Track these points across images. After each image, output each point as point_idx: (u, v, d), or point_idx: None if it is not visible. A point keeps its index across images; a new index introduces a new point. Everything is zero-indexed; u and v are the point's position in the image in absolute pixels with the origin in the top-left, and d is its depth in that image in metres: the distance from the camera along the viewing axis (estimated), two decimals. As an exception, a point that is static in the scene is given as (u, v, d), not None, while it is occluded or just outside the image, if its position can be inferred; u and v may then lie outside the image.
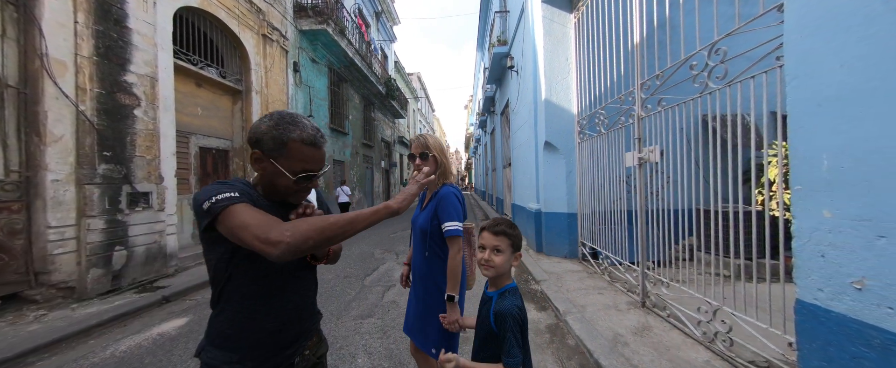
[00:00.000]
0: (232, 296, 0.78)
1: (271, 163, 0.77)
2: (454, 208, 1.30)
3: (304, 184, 0.81)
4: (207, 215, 0.69)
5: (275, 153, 0.76)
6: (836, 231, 1.04)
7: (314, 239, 0.67)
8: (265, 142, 0.76)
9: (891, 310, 0.91)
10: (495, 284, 1.02)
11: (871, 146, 0.95)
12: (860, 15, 0.96)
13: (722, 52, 1.98)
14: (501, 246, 0.97)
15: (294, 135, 0.77)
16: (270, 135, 0.76)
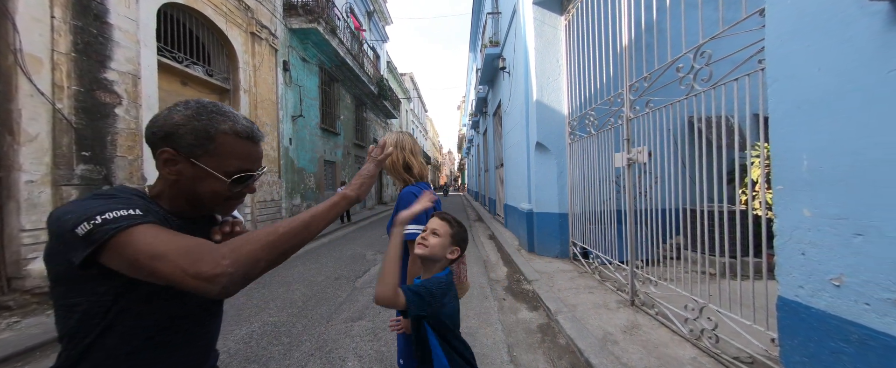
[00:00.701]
0: (105, 359, 0.55)
1: (192, 165, 0.59)
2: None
3: (240, 188, 0.63)
4: (86, 244, 0.48)
5: (197, 151, 0.59)
6: (815, 229, 1.07)
7: (266, 260, 0.51)
8: (182, 137, 0.58)
9: (867, 306, 0.94)
10: (430, 271, 1.01)
11: (848, 147, 0.98)
12: (837, 20, 0.99)
13: (707, 54, 2.03)
14: (440, 231, 0.97)
15: (225, 127, 0.60)
16: (190, 128, 0.58)
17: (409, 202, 1.14)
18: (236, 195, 0.65)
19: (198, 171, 0.59)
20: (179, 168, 0.59)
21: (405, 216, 0.89)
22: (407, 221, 0.89)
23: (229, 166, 0.61)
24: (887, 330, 0.90)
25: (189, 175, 0.59)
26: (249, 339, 2.45)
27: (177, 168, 0.59)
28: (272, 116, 6.93)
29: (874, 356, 0.93)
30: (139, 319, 0.56)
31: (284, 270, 4.51)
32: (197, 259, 0.47)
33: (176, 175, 0.60)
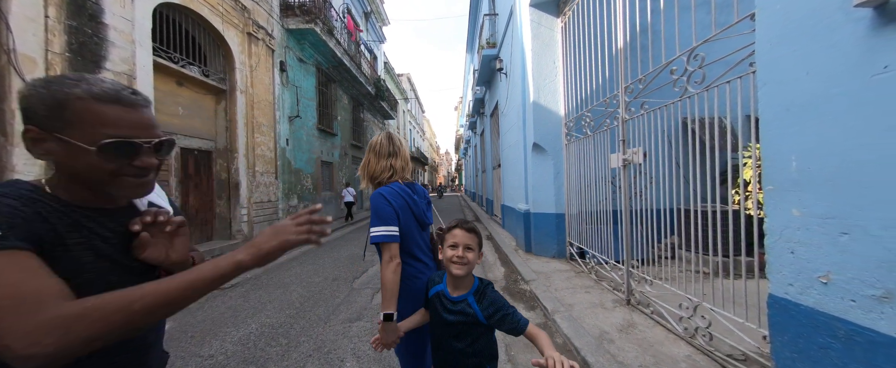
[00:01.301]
0: None
1: (57, 140, 0.51)
2: (379, 211, 1.11)
3: (118, 158, 0.53)
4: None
5: (55, 123, 0.50)
6: (804, 228, 1.10)
7: (104, 339, 0.42)
8: (34, 111, 0.50)
9: (853, 303, 0.97)
10: (459, 285, 0.98)
11: (835, 149, 1.01)
12: (823, 25, 1.02)
13: (700, 57, 2.06)
14: (472, 244, 0.95)
15: (77, 91, 0.51)
16: (37, 98, 0.50)
17: (376, 205, 1.11)
18: (127, 169, 0.54)
19: (63, 146, 0.51)
20: (48, 146, 0.51)
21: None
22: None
23: (95, 135, 0.51)
24: (872, 326, 0.93)
25: (60, 152, 0.51)
26: (247, 341, 2.45)
27: (45, 146, 0.51)
28: (269, 117, 6.90)
29: (860, 351, 0.96)
30: None
31: (281, 272, 4.49)
32: (12, 325, 0.38)
33: (48, 154, 0.52)
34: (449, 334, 0.99)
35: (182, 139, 5.28)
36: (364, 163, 1.26)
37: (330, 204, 10.18)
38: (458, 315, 0.97)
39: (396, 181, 1.22)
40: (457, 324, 0.97)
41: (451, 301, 0.99)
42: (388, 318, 1.05)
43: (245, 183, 6.14)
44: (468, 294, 0.97)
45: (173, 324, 2.84)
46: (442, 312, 1.01)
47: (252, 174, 6.28)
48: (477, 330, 0.96)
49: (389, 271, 1.06)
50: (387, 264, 1.06)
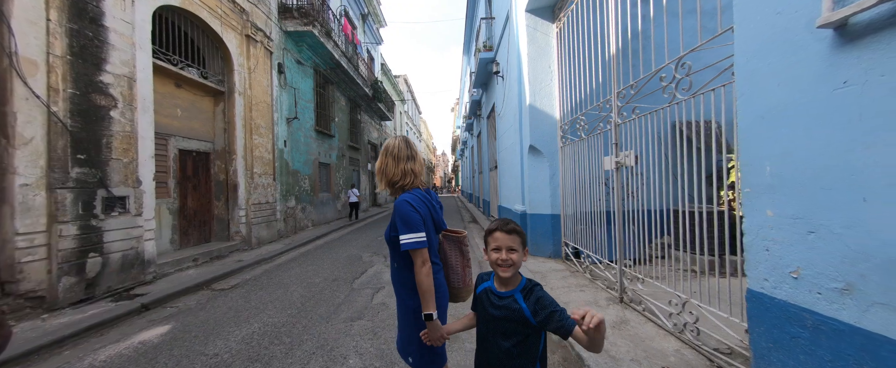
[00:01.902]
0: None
1: None
2: (407, 219, 1.14)
3: None
4: None
5: None
6: (777, 228, 1.20)
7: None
8: None
9: (819, 295, 1.07)
10: (507, 283, 1.00)
11: (803, 155, 1.10)
12: (792, 42, 1.12)
13: (687, 66, 2.17)
14: (515, 245, 0.97)
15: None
16: None
17: (404, 212, 1.14)
18: None
19: None
20: None
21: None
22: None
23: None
24: (835, 316, 1.02)
25: None
26: (250, 339, 2.50)
27: None
28: (267, 119, 6.92)
29: (825, 339, 1.05)
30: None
31: (281, 272, 4.53)
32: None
33: None
34: (496, 331, 0.99)
35: (180, 141, 5.29)
36: (380, 166, 1.27)
37: (327, 206, 10.19)
38: (503, 311, 0.98)
39: (418, 187, 1.25)
40: (503, 320, 0.98)
41: (498, 296, 1.01)
42: (429, 318, 1.13)
43: (243, 184, 6.16)
44: (515, 290, 0.99)
45: (176, 324, 2.88)
46: (488, 307, 1.02)
47: (250, 175, 6.30)
48: (524, 330, 0.96)
49: (423, 275, 1.12)
50: (420, 268, 1.12)
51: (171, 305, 3.42)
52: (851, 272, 0.98)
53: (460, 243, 1.33)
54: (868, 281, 0.94)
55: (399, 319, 1.30)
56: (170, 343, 2.48)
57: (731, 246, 2.04)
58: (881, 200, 0.91)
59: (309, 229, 8.62)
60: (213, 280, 4.24)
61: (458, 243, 1.33)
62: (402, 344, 1.29)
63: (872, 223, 0.93)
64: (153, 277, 4.12)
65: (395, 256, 1.24)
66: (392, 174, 1.24)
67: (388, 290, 3.64)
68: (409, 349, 1.24)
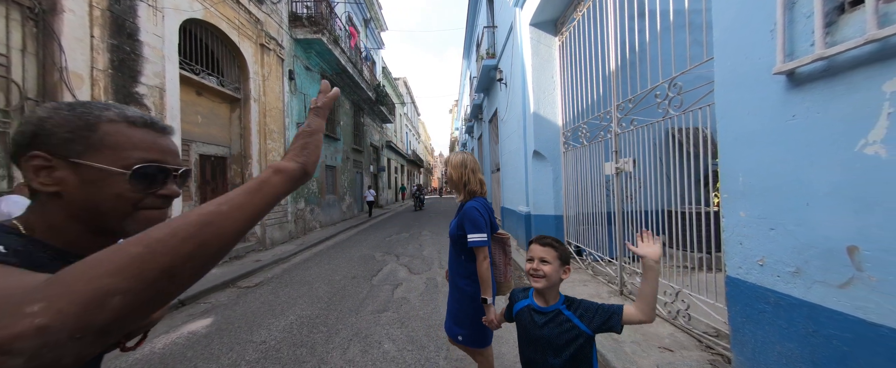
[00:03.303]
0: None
1: (74, 167, 0.44)
2: (475, 221, 1.38)
3: (146, 186, 0.47)
4: None
5: (77, 146, 0.44)
6: (747, 226, 1.51)
7: (124, 291, 0.29)
8: (52, 134, 0.44)
9: (778, 278, 1.38)
10: (547, 298, 0.99)
11: (766, 169, 1.42)
12: (757, 81, 1.43)
13: (678, 86, 2.49)
14: (548, 257, 0.97)
15: (109, 114, 0.47)
16: (59, 120, 0.44)
17: (473, 216, 1.40)
18: (151, 203, 0.48)
19: (85, 173, 0.44)
20: (59, 175, 0.44)
21: (657, 254, 0.94)
22: (658, 259, 0.94)
23: (127, 159, 0.46)
24: (789, 293, 1.33)
25: (74, 182, 0.44)
26: (291, 329, 2.77)
27: (55, 175, 0.44)
28: (279, 124, 7.18)
29: (783, 311, 1.36)
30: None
31: (301, 271, 4.79)
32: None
33: (57, 185, 0.44)
34: (545, 351, 0.96)
35: (201, 146, 5.54)
36: (460, 176, 1.51)
37: (333, 207, 10.44)
38: (553, 329, 0.96)
39: (482, 196, 1.51)
40: (557, 338, 0.95)
41: (542, 312, 0.99)
42: (485, 301, 1.37)
43: (258, 187, 6.40)
44: (558, 304, 0.98)
45: (217, 317, 3.14)
46: (532, 329, 1.00)
47: (265, 179, 6.54)
48: (577, 343, 0.93)
49: (484, 268, 1.36)
50: (481, 262, 1.37)
51: (205, 301, 3.68)
52: (799, 259, 1.29)
53: (504, 243, 1.60)
54: (811, 265, 1.25)
55: (452, 304, 1.54)
56: (218, 333, 2.75)
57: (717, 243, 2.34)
58: (820, 204, 1.22)
59: (317, 230, 8.86)
60: (237, 278, 4.49)
61: (502, 243, 1.60)
62: (450, 325, 1.54)
63: (814, 222, 1.24)
64: (181, 276, 4.36)
65: (459, 250, 1.48)
66: (473, 184, 1.52)
67: (406, 286, 3.92)
68: (459, 328, 1.49)
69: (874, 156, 1.05)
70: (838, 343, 1.17)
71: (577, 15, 4.19)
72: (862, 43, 1.03)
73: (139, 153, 0.47)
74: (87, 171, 0.44)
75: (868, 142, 1.07)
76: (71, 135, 0.44)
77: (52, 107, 0.46)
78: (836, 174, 1.15)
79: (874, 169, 1.05)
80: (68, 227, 0.46)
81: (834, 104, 1.16)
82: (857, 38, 1.06)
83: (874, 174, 1.05)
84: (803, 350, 1.28)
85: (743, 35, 1.50)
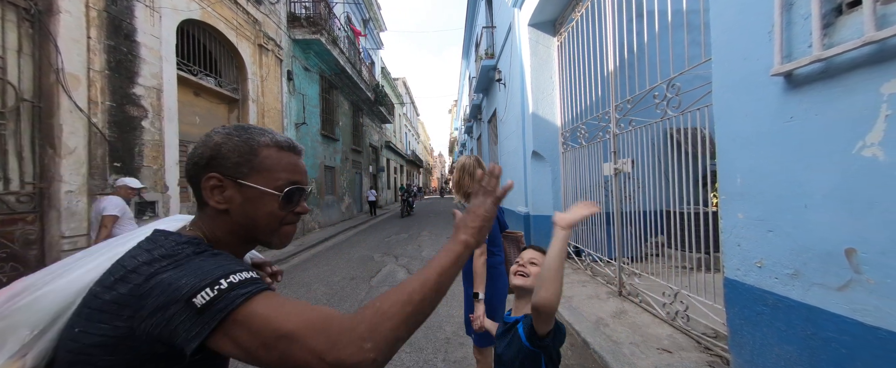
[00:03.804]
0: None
1: (240, 187, 0.51)
2: None
3: (292, 207, 0.56)
4: (203, 320, 0.39)
5: (243, 169, 0.51)
6: (746, 227, 1.51)
7: (404, 339, 0.43)
8: (225, 158, 0.51)
9: (776, 279, 1.38)
10: (521, 308, 0.95)
11: (764, 170, 1.41)
12: (755, 83, 1.43)
13: (676, 87, 2.49)
14: (537, 260, 0.96)
15: (265, 139, 0.54)
16: (232, 145, 0.52)
17: None
18: (291, 218, 0.56)
19: (248, 193, 0.51)
20: (228, 194, 0.52)
21: (567, 220, 0.83)
22: (568, 225, 0.83)
23: (278, 180, 0.53)
24: (787, 295, 1.33)
25: (239, 200, 0.52)
26: (289, 331, 2.76)
27: (226, 194, 0.52)
28: (278, 124, 7.16)
29: (781, 313, 1.36)
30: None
31: (300, 272, 4.78)
32: (335, 341, 0.38)
33: (226, 203, 0.52)
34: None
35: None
36: (457, 180, 1.57)
37: (332, 208, 10.42)
38: (505, 341, 0.91)
39: None
40: (506, 355, 0.89)
41: (505, 322, 0.96)
42: (475, 296, 1.36)
43: (257, 188, 6.39)
44: (523, 316, 0.90)
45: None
46: (498, 340, 0.96)
47: (263, 180, 6.53)
48: (519, 358, 0.85)
49: (480, 263, 1.36)
50: (478, 257, 1.36)
51: (203, 303, 3.66)
52: (797, 261, 1.29)
53: (517, 241, 1.62)
54: (809, 267, 1.25)
55: (465, 305, 1.58)
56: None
57: (715, 243, 2.34)
58: (817, 207, 1.22)
59: (316, 231, 8.84)
60: (236, 280, 4.48)
61: (516, 241, 1.62)
62: (467, 325, 1.56)
63: (811, 224, 1.24)
64: (179, 277, 4.35)
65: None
66: (468, 186, 1.55)
67: (404, 287, 3.91)
68: (470, 328, 1.50)
69: (872, 159, 1.05)
70: (837, 346, 1.16)
71: (576, 15, 4.19)
72: (860, 45, 1.03)
73: (286, 175, 0.54)
74: (249, 191, 0.52)
75: (866, 144, 1.06)
76: (239, 159, 0.52)
77: (225, 134, 0.53)
78: (834, 176, 1.15)
79: (872, 171, 1.05)
80: (228, 239, 0.54)
81: (832, 106, 1.15)
82: (854, 39, 1.05)
83: (872, 176, 1.05)
84: (802, 352, 1.28)
85: (741, 36, 1.49)
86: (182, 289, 0.40)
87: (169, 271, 0.42)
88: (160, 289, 0.40)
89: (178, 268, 0.43)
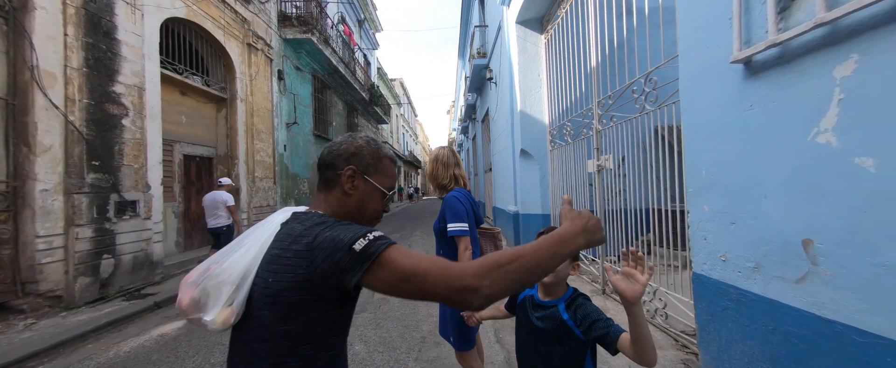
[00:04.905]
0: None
1: (364, 182, 0.68)
2: (455, 210, 1.34)
3: (386, 203, 0.74)
4: (362, 261, 0.53)
5: (371, 169, 0.69)
6: (711, 220, 1.46)
7: (509, 288, 0.53)
8: (363, 157, 0.69)
9: (739, 273, 1.33)
10: (551, 292, 0.97)
11: (726, 161, 1.37)
12: (717, 72, 1.39)
13: (653, 80, 2.45)
14: None
15: (385, 151, 0.73)
16: (369, 150, 0.70)
17: (454, 206, 1.35)
18: (381, 212, 0.74)
19: (368, 187, 0.69)
20: (356, 183, 0.68)
21: (637, 294, 0.74)
22: (638, 299, 0.75)
23: (386, 184, 0.72)
24: (749, 289, 1.29)
25: (361, 190, 0.69)
26: (263, 331, 2.71)
27: (355, 183, 0.68)
28: (268, 124, 7.12)
29: (744, 308, 1.32)
30: (338, 337, 0.64)
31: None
32: (458, 275, 0.51)
33: (353, 190, 0.68)
34: (538, 343, 0.95)
35: (185, 146, 5.48)
36: (431, 171, 1.50)
37: (326, 208, 10.37)
38: (547, 322, 0.93)
39: (461, 187, 1.47)
40: (548, 333, 0.92)
41: (541, 305, 0.97)
42: None
43: (245, 188, 6.34)
44: (559, 300, 0.94)
45: (190, 320, 3.07)
46: (527, 321, 0.98)
47: (252, 179, 6.48)
48: (568, 343, 0.90)
49: (465, 259, 1.30)
50: (462, 253, 1.30)
51: (182, 303, 3.61)
52: (758, 254, 1.25)
53: (495, 238, 1.55)
54: (769, 260, 1.21)
55: (440, 305, 1.48)
56: (187, 335, 2.68)
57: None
58: (775, 197, 1.18)
59: (308, 231, 8.79)
60: (220, 280, 4.43)
61: (493, 238, 1.55)
62: (443, 327, 1.49)
63: (771, 215, 1.20)
64: (162, 278, 4.30)
65: (441, 245, 1.43)
66: (440, 177, 1.48)
67: (388, 287, 3.86)
68: (448, 329, 1.43)
69: (826, 145, 1.01)
70: (796, 342, 1.12)
71: (561, 12, 4.16)
72: (812, 27, 0.99)
73: (390, 181, 0.73)
74: (369, 186, 0.70)
75: (820, 130, 1.02)
76: (371, 161, 0.70)
77: (365, 140, 0.73)
78: (790, 164, 1.11)
79: (826, 158, 1.01)
80: (342, 217, 0.68)
81: (787, 92, 1.12)
82: (807, 21, 1.02)
83: (826, 163, 1.01)
84: (763, 348, 1.24)
85: (704, 25, 1.46)
86: (344, 240, 0.55)
87: (328, 231, 0.58)
88: (327, 243, 0.56)
89: (332, 230, 0.58)
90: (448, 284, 0.51)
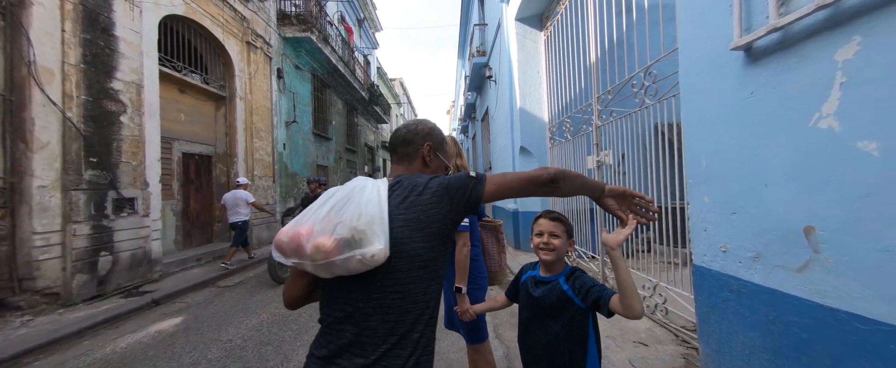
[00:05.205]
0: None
1: (436, 158, 0.86)
2: None
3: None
4: (478, 180, 0.73)
5: (441, 147, 0.87)
6: (711, 211, 1.45)
7: (570, 187, 0.77)
8: (436, 136, 0.87)
9: (740, 264, 1.32)
10: (552, 269, 1.02)
11: (726, 151, 1.36)
12: (717, 61, 1.37)
13: (653, 74, 2.44)
14: (557, 231, 0.99)
15: (446, 135, 0.95)
16: (438, 132, 0.88)
17: None
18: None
19: (438, 163, 0.88)
20: (432, 157, 0.86)
21: (616, 241, 0.84)
22: (617, 245, 0.84)
23: (448, 159, 0.94)
24: (750, 279, 1.27)
25: (434, 163, 0.87)
26: (260, 327, 2.69)
27: (431, 157, 0.86)
28: (267, 122, 7.11)
29: (745, 299, 1.30)
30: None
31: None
32: (534, 174, 0.74)
33: (432, 162, 0.86)
34: (539, 314, 1.00)
35: (184, 144, 5.47)
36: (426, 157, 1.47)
37: (325, 207, 10.35)
38: (550, 295, 0.98)
39: None
40: (552, 305, 0.97)
41: (542, 282, 1.02)
42: (458, 290, 1.28)
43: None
44: (559, 275, 1.00)
45: (188, 316, 3.06)
46: (529, 296, 1.04)
47: (251, 178, 6.46)
48: (569, 311, 0.96)
49: (463, 255, 1.27)
50: (461, 249, 1.27)
51: (180, 300, 3.60)
52: (759, 243, 1.23)
53: (496, 231, 1.53)
54: (770, 249, 1.19)
55: (446, 299, 1.43)
56: (185, 332, 2.67)
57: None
58: (777, 185, 1.16)
59: (307, 230, 8.77)
60: (218, 278, 4.42)
61: (494, 231, 1.52)
62: (450, 320, 1.46)
63: (772, 204, 1.18)
64: (159, 276, 4.28)
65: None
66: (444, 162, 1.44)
67: (386, 284, 3.84)
68: (457, 322, 1.40)
69: (828, 130, 0.99)
70: (797, 331, 1.10)
71: (560, 8, 4.15)
72: (813, 9, 0.98)
73: (448, 160, 0.94)
74: (439, 161, 0.89)
75: (822, 115, 1.01)
76: (440, 140, 0.89)
77: (432, 124, 0.90)
78: (791, 151, 1.09)
79: (828, 143, 0.99)
80: None
81: (788, 78, 1.10)
82: (809, 5, 1.00)
83: (828, 149, 1.00)
84: (765, 339, 1.22)
85: (704, 14, 1.44)
86: (465, 176, 0.75)
87: (449, 178, 0.76)
88: (455, 180, 0.74)
89: (450, 177, 0.75)
90: (532, 178, 0.74)
